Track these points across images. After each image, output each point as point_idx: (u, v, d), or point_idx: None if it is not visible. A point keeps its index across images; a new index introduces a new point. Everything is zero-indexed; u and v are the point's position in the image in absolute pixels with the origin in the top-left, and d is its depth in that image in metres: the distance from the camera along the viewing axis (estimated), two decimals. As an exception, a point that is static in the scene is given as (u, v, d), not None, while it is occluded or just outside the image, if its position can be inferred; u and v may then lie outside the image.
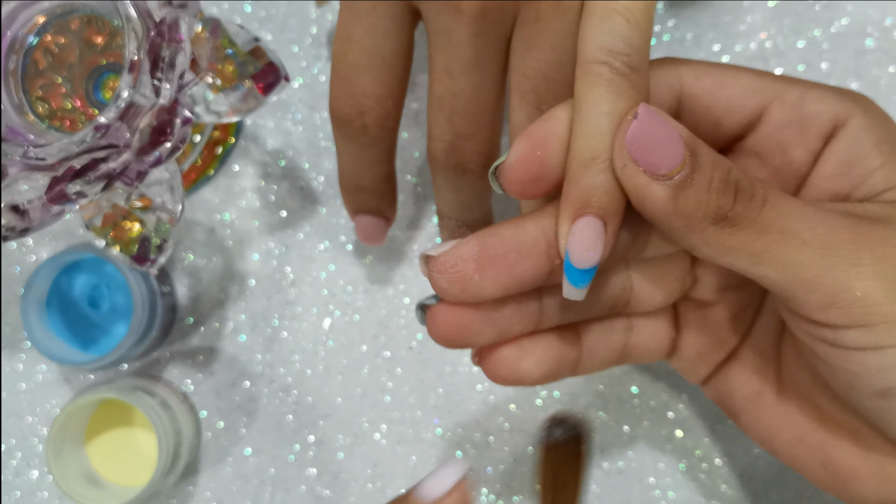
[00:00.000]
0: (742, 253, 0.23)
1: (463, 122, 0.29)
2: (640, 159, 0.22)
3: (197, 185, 0.40)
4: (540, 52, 0.28)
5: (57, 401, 0.40)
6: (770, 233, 0.23)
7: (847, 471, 0.27)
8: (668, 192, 0.22)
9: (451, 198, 0.32)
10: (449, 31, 0.28)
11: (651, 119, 0.22)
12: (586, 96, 0.23)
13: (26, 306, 0.37)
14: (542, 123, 0.24)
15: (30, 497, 0.40)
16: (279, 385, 0.39)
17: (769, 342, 0.29)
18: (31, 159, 0.28)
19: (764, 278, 0.24)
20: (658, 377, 0.38)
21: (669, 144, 0.22)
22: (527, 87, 0.28)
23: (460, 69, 0.29)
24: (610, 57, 0.23)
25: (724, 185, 0.23)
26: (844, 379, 0.25)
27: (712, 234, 0.23)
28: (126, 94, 0.27)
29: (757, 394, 0.29)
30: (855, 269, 0.23)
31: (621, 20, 0.23)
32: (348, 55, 0.30)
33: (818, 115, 0.26)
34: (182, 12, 0.28)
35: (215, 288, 0.40)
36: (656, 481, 0.38)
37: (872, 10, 0.39)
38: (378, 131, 0.31)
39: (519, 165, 0.24)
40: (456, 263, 0.24)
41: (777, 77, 0.27)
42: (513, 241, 0.24)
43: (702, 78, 0.26)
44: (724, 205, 0.23)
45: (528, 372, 0.27)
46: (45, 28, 0.31)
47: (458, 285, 0.25)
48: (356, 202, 0.35)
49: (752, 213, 0.23)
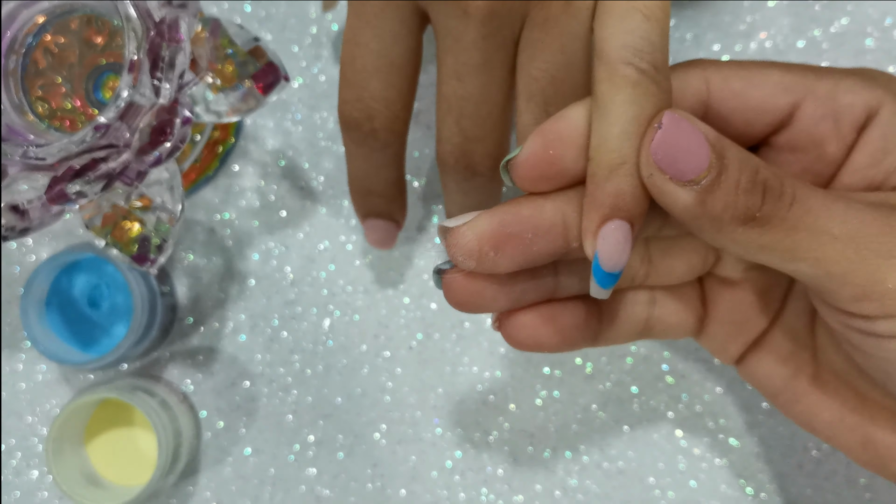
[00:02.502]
0: (773, 251, 0.23)
1: (472, 125, 0.29)
2: (666, 168, 0.22)
3: (197, 185, 0.40)
4: (549, 54, 0.28)
5: (57, 401, 0.40)
6: (800, 230, 0.23)
7: (886, 450, 0.27)
8: (695, 197, 0.23)
9: (460, 200, 0.33)
10: (457, 33, 0.28)
11: (675, 127, 0.23)
12: (613, 99, 0.23)
13: (26, 306, 0.37)
14: (555, 122, 0.25)
15: (30, 497, 0.40)
16: (279, 385, 0.39)
17: (802, 325, 0.29)
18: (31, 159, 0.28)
19: (796, 272, 0.24)
20: (658, 377, 0.38)
21: (695, 150, 0.23)
22: (535, 89, 0.28)
23: (469, 72, 0.29)
24: (634, 57, 0.23)
25: (751, 186, 0.23)
26: (879, 365, 0.25)
27: (742, 234, 0.23)
28: (126, 94, 0.27)
29: (793, 376, 0.29)
30: (886, 261, 0.23)
31: (641, 18, 0.23)
32: (357, 59, 0.30)
33: (851, 107, 0.26)
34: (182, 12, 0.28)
35: (215, 288, 0.40)
36: (656, 481, 0.38)
37: (872, 10, 0.39)
38: (387, 135, 0.31)
39: (530, 162, 0.25)
40: (472, 238, 0.24)
41: (806, 69, 0.27)
42: (530, 221, 0.24)
43: (730, 80, 0.26)
44: (753, 205, 0.23)
45: (547, 339, 0.27)
46: (45, 28, 0.31)
47: (472, 260, 0.25)
48: (366, 206, 0.35)
49: (782, 211, 0.23)
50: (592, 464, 0.38)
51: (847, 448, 0.28)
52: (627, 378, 0.38)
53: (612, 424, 0.38)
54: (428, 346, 0.39)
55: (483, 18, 0.27)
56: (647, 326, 0.30)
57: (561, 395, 0.39)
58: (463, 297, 0.26)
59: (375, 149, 0.32)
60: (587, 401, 0.38)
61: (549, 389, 0.39)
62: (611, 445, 0.38)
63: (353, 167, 0.33)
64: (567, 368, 0.39)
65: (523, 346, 0.27)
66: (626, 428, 0.38)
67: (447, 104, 0.29)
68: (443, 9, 0.28)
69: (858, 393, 0.28)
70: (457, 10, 0.28)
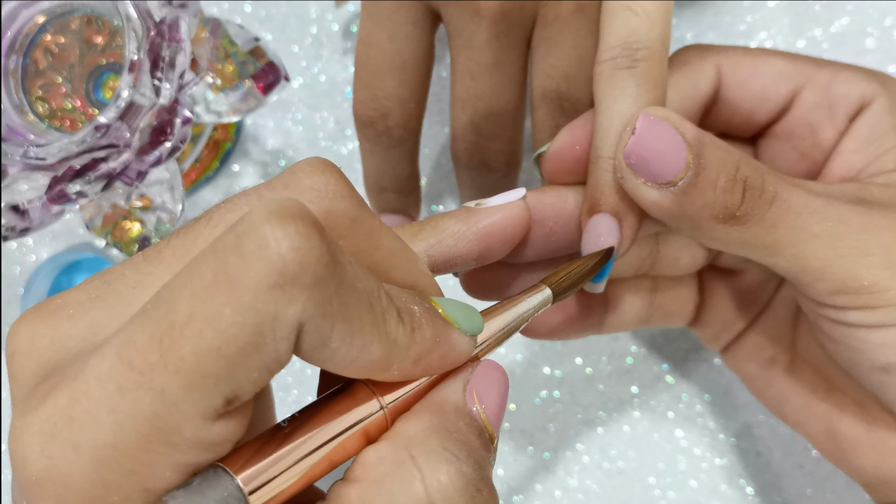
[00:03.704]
0: (751, 246, 0.24)
1: (485, 123, 0.30)
2: (639, 171, 0.23)
3: (197, 185, 0.40)
4: (561, 51, 0.28)
5: (57, 401, 0.40)
6: (779, 228, 0.23)
7: (849, 441, 0.27)
8: (671, 199, 0.23)
9: (474, 196, 0.33)
10: (469, 33, 0.28)
11: (650, 131, 0.23)
12: (604, 94, 0.24)
13: (26, 306, 0.37)
14: (584, 118, 0.25)
15: (30, 497, 0.40)
16: (279, 385, 0.39)
17: (787, 312, 0.30)
18: (31, 159, 0.28)
19: (774, 266, 0.24)
20: (658, 377, 0.38)
21: (671, 153, 0.23)
22: (549, 86, 0.29)
23: (481, 70, 0.29)
24: (619, 52, 0.24)
25: (731, 185, 0.23)
26: (847, 354, 0.25)
27: (721, 231, 0.23)
28: (126, 93, 0.27)
29: (770, 360, 0.30)
30: (863, 258, 0.23)
31: (630, 14, 0.24)
32: (371, 59, 0.30)
33: (846, 96, 0.27)
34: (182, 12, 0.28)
35: (215, 288, 0.40)
36: (656, 481, 0.38)
37: (872, 10, 0.39)
38: (401, 133, 0.32)
39: (558, 156, 0.25)
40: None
41: (808, 59, 0.27)
42: (552, 209, 0.25)
43: (737, 68, 0.27)
44: (732, 204, 0.23)
45: (557, 326, 0.28)
46: (45, 28, 0.31)
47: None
48: (380, 203, 0.35)
49: (761, 210, 0.23)
50: (592, 464, 0.38)
51: (812, 437, 0.29)
52: (627, 378, 0.38)
53: (612, 424, 0.38)
54: (428, 346, 0.39)
55: (495, 18, 0.28)
56: (648, 314, 0.30)
57: (561, 395, 0.39)
58: (482, 284, 0.26)
59: (390, 146, 0.32)
60: (587, 401, 0.38)
61: (549, 389, 0.39)
62: (611, 445, 0.38)
63: (368, 164, 0.34)
64: (567, 368, 0.39)
65: (535, 334, 0.28)
66: (626, 428, 0.38)
67: (461, 102, 0.30)
68: (455, 9, 0.28)
69: (829, 383, 0.28)
70: (469, 10, 0.28)
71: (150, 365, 0.15)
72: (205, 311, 0.15)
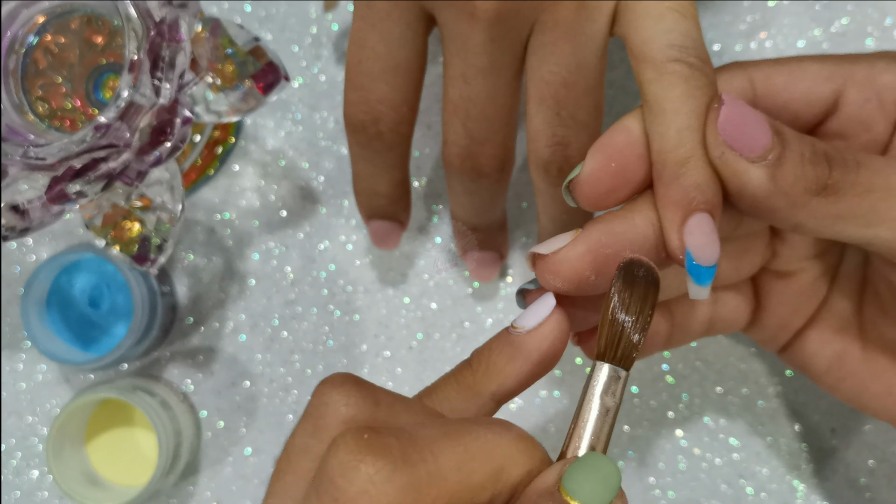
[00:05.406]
0: (850, 219, 0.23)
1: (478, 127, 0.29)
2: (734, 143, 0.23)
3: (197, 185, 0.40)
4: (560, 57, 0.28)
5: (57, 401, 0.40)
6: (874, 191, 0.23)
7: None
8: (766, 173, 0.23)
9: (465, 201, 0.33)
10: (464, 36, 0.28)
11: (735, 104, 0.23)
12: (667, 96, 0.23)
13: (26, 306, 0.37)
14: (612, 135, 0.25)
15: (30, 497, 0.40)
16: (279, 385, 0.39)
17: (849, 302, 0.30)
18: (31, 159, 0.28)
19: (875, 239, 0.24)
20: (658, 377, 0.38)
21: (757, 127, 0.23)
22: (546, 93, 0.28)
23: (475, 74, 0.28)
24: (681, 53, 0.23)
25: (815, 157, 0.23)
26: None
27: (817, 205, 0.23)
28: (126, 93, 0.27)
29: (840, 353, 0.30)
30: None
31: (678, 16, 0.24)
32: (363, 62, 0.30)
33: (891, 85, 0.26)
34: (182, 12, 0.28)
35: (215, 288, 0.40)
36: (656, 481, 0.38)
37: (872, 10, 0.39)
38: (393, 137, 0.31)
39: (594, 178, 0.25)
40: (573, 263, 0.24)
41: (839, 57, 0.27)
42: (625, 237, 0.24)
43: (772, 77, 0.27)
44: (822, 174, 0.23)
45: None
46: (45, 28, 0.31)
47: (573, 284, 0.24)
48: (370, 207, 0.35)
49: (852, 175, 0.23)
50: (592, 464, 0.38)
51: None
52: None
53: (612, 424, 0.38)
54: (428, 346, 0.39)
55: (490, 21, 0.27)
56: (710, 325, 0.30)
57: (561, 395, 0.39)
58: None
59: (381, 151, 0.31)
60: (587, 401, 0.38)
61: (549, 389, 0.39)
62: (611, 445, 0.38)
63: (358, 169, 0.33)
64: (567, 368, 0.39)
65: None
66: (626, 428, 0.38)
67: (453, 106, 0.29)
68: (450, 11, 0.28)
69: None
70: (464, 12, 0.27)
71: None
72: None
